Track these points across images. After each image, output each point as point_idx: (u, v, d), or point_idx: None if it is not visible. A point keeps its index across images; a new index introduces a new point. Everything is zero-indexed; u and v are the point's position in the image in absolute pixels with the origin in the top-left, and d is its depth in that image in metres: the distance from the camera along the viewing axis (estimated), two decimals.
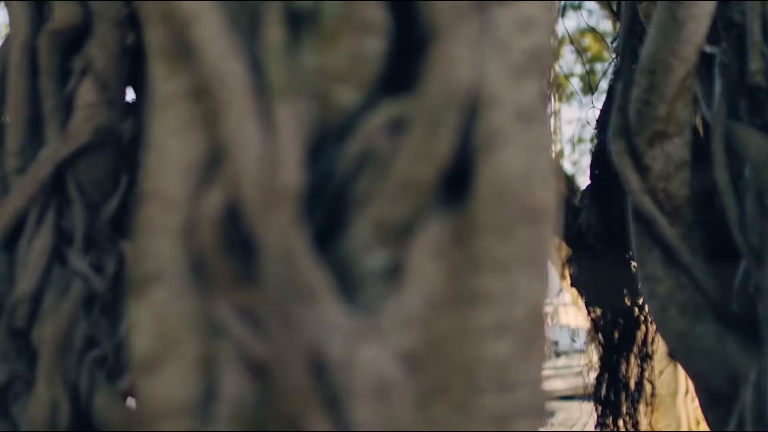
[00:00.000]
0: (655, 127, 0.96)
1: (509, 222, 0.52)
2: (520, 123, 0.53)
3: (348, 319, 0.53)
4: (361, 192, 0.54)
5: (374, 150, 0.54)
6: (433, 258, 0.53)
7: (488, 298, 0.52)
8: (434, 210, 0.54)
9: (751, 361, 0.92)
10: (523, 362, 0.53)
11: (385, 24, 0.54)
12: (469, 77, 0.52)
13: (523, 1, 0.55)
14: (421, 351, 0.53)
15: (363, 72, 0.54)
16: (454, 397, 0.52)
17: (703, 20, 0.93)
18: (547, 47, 0.55)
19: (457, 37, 0.53)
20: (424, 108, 0.52)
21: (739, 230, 0.96)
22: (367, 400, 0.52)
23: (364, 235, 0.54)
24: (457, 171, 0.54)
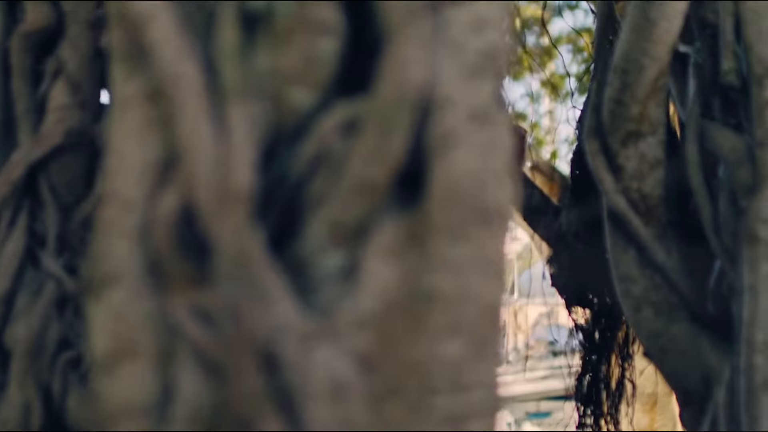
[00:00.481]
0: (629, 127, 0.96)
1: (462, 223, 0.53)
2: (474, 124, 0.53)
3: (303, 320, 0.53)
4: (316, 193, 0.54)
5: (328, 151, 0.54)
6: (387, 259, 0.54)
7: (441, 299, 0.52)
8: (389, 211, 0.54)
9: (725, 361, 0.92)
10: (476, 363, 0.53)
11: (339, 25, 0.55)
12: (422, 78, 0.53)
13: (477, 2, 0.55)
14: (375, 352, 0.53)
15: (317, 73, 0.55)
16: (408, 397, 0.52)
17: (676, 20, 0.94)
18: (501, 47, 0.55)
19: (409, 38, 0.53)
20: (377, 109, 0.53)
21: (713, 230, 0.96)
22: (321, 400, 0.52)
23: (319, 236, 0.54)
24: (411, 172, 0.54)
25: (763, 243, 0.89)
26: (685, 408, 0.98)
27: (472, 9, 0.55)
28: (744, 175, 0.92)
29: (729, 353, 0.91)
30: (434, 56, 0.53)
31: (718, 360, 0.93)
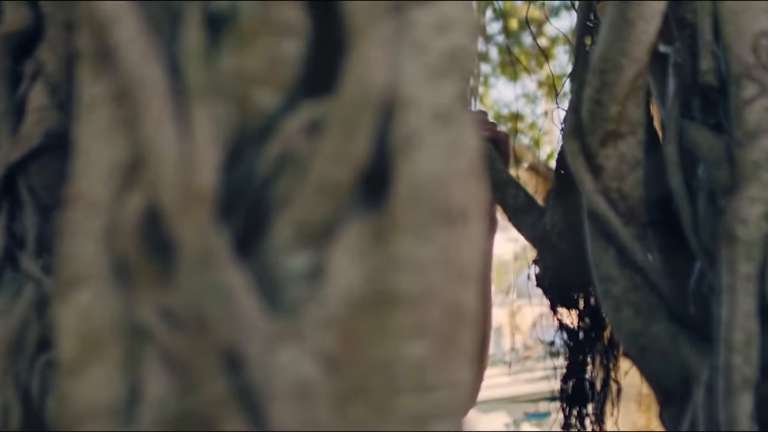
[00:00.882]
0: (608, 127, 0.97)
1: (426, 223, 0.53)
2: (437, 124, 0.53)
3: (267, 320, 0.53)
4: (281, 194, 0.54)
5: (293, 152, 0.54)
6: (353, 259, 0.54)
7: (405, 299, 0.52)
8: (354, 211, 0.54)
9: (704, 361, 0.92)
10: (441, 363, 0.53)
11: (303, 25, 0.55)
12: (385, 78, 0.53)
13: (442, 2, 0.56)
14: (340, 352, 0.53)
15: (282, 74, 0.55)
16: (373, 397, 0.52)
17: (654, 20, 0.94)
18: (466, 48, 0.55)
19: (372, 39, 0.53)
20: (340, 110, 0.53)
21: (692, 230, 0.97)
22: (285, 401, 0.52)
23: (284, 237, 0.54)
24: (376, 172, 0.54)
25: (741, 243, 0.89)
26: (665, 408, 0.98)
27: (436, 9, 0.55)
28: (723, 174, 0.92)
29: (708, 353, 0.91)
30: (397, 57, 0.53)
31: (698, 360, 0.93)
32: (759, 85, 0.92)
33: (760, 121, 0.91)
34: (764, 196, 0.90)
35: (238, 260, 0.54)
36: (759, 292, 0.89)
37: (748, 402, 0.87)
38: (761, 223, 0.90)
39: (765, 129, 0.91)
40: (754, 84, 0.92)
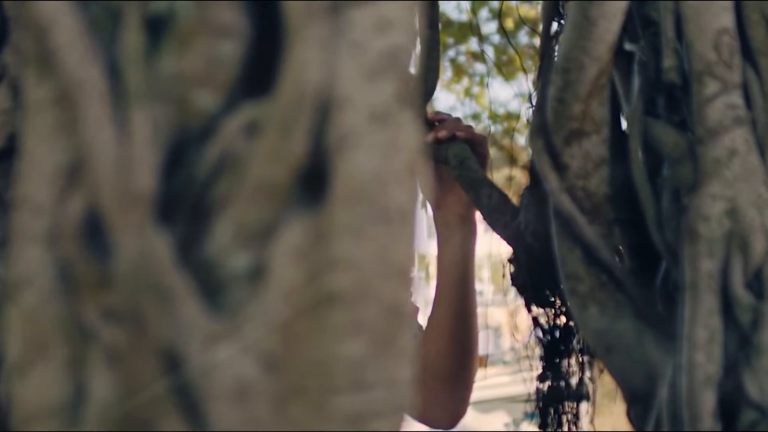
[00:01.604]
0: (571, 126, 0.97)
1: (363, 223, 0.53)
2: (374, 124, 0.54)
3: (208, 321, 0.54)
4: (221, 195, 0.55)
5: (233, 153, 0.55)
6: (293, 259, 0.54)
7: (342, 299, 0.53)
8: (294, 211, 0.55)
9: (668, 359, 0.93)
10: (379, 362, 0.53)
11: (241, 26, 0.55)
12: (321, 79, 0.53)
13: (381, 3, 0.56)
14: (280, 352, 0.54)
15: (221, 75, 0.55)
16: (311, 397, 0.53)
17: (616, 18, 0.94)
18: (405, 48, 0.56)
19: (308, 39, 0.54)
20: (277, 110, 0.53)
21: (656, 228, 0.97)
22: (225, 400, 0.53)
23: (225, 238, 0.55)
24: (315, 172, 0.55)
25: (703, 240, 0.90)
26: (632, 406, 0.99)
27: (375, 10, 0.56)
28: (686, 172, 0.93)
29: (673, 351, 0.92)
30: (334, 57, 0.54)
31: (662, 358, 0.93)
32: (720, 82, 0.92)
33: (721, 118, 0.91)
34: (726, 194, 0.90)
35: (180, 261, 0.54)
36: (721, 289, 0.89)
37: (711, 400, 0.87)
38: (723, 220, 0.90)
39: (726, 126, 0.91)
40: (715, 81, 0.92)
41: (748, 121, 0.94)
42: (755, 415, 0.88)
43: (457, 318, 1.66)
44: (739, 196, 0.91)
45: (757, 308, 0.89)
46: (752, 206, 0.91)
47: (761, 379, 0.88)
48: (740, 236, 0.91)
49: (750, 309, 0.89)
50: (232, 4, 0.55)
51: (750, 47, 0.97)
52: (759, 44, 0.97)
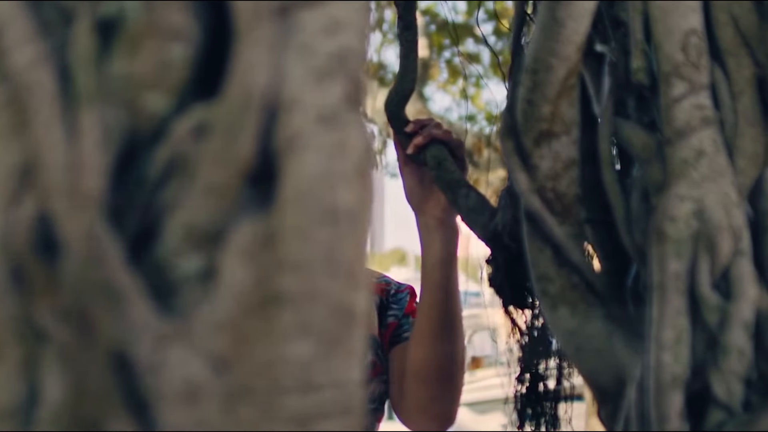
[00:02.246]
0: (541, 127, 0.98)
1: (311, 224, 0.54)
2: (321, 126, 0.54)
3: (158, 322, 0.54)
4: (171, 197, 0.55)
5: (182, 155, 0.55)
6: (243, 261, 0.55)
7: (291, 300, 0.53)
8: (244, 213, 0.55)
9: (637, 360, 0.94)
10: (327, 363, 0.54)
11: (191, 29, 0.56)
12: (268, 81, 0.54)
13: (331, 4, 0.57)
14: (229, 353, 0.54)
15: (170, 78, 0.56)
16: (259, 398, 0.53)
17: (584, 19, 0.95)
18: (355, 49, 0.56)
19: (256, 41, 0.54)
20: (224, 112, 0.54)
21: (626, 229, 0.98)
22: (175, 402, 0.53)
23: (176, 240, 0.55)
24: (263, 174, 0.55)
25: (670, 240, 0.90)
26: (602, 406, 0.99)
27: (325, 11, 0.56)
28: (655, 172, 0.93)
29: (641, 351, 0.93)
30: (282, 59, 0.54)
31: (631, 358, 0.94)
32: (688, 83, 0.93)
33: (689, 119, 0.92)
34: (693, 194, 0.91)
35: (131, 262, 0.55)
36: (689, 289, 0.90)
37: (679, 400, 0.88)
38: (690, 221, 0.91)
39: (694, 127, 0.92)
40: (683, 82, 0.93)
41: (716, 122, 0.95)
42: (722, 415, 0.89)
43: (439, 322, 1.66)
44: (707, 196, 0.92)
45: (724, 309, 0.90)
46: (719, 207, 0.92)
47: (728, 380, 0.89)
48: (707, 237, 0.91)
49: (717, 309, 0.90)
50: (181, 7, 0.55)
51: (718, 48, 0.97)
52: (727, 45, 0.97)
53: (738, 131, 0.96)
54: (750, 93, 0.97)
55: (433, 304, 1.66)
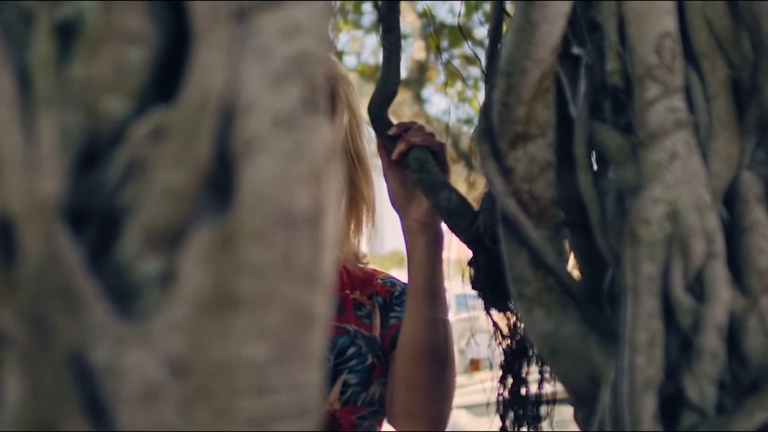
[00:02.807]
0: (516, 129, 0.98)
1: (267, 227, 0.54)
2: (278, 129, 0.55)
3: (116, 325, 0.55)
4: (130, 200, 0.56)
5: (141, 158, 0.56)
6: (201, 264, 0.55)
7: (246, 303, 0.54)
8: (202, 216, 0.56)
9: (611, 362, 0.94)
10: (282, 366, 0.54)
11: (149, 32, 0.56)
12: (225, 84, 0.54)
13: (291, 7, 0.57)
14: (187, 355, 0.54)
15: (129, 81, 0.56)
16: (216, 400, 0.54)
17: (557, 22, 0.95)
18: (314, 53, 0.57)
19: (213, 44, 0.55)
20: (181, 115, 0.54)
21: (601, 231, 0.98)
22: (133, 404, 0.54)
23: (135, 243, 0.56)
24: (221, 177, 0.56)
25: (644, 243, 0.91)
26: (578, 409, 1.00)
27: (283, 14, 0.57)
28: (630, 175, 0.94)
29: (616, 354, 0.93)
30: (239, 63, 0.55)
31: (606, 361, 0.94)
32: (662, 85, 0.93)
33: (662, 121, 0.93)
34: (667, 197, 0.91)
35: (90, 265, 0.55)
36: (662, 292, 0.90)
37: (652, 403, 0.88)
38: (664, 223, 0.91)
39: (668, 129, 0.92)
40: (657, 85, 0.93)
41: (690, 124, 0.95)
42: (695, 417, 0.89)
43: (425, 326, 1.65)
44: (680, 199, 0.92)
45: (698, 311, 0.91)
46: (693, 209, 0.93)
47: (701, 382, 0.90)
48: (681, 239, 0.92)
49: (690, 312, 0.91)
50: (140, 10, 0.56)
51: (693, 50, 0.98)
52: (702, 47, 0.98)
53: (712, 134, 0.97)
54: (724, 96, 0.98)
55: (419, 308, 1.66)
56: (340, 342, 1.75)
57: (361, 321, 1.77)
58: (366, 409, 1.74)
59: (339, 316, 1.77)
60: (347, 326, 1.78)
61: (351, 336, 1.77)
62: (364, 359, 1.75)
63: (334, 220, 0.59)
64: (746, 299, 0.94)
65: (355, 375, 1.73)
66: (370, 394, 1.74)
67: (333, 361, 1.73)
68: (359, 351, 1.75)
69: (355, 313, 1.78)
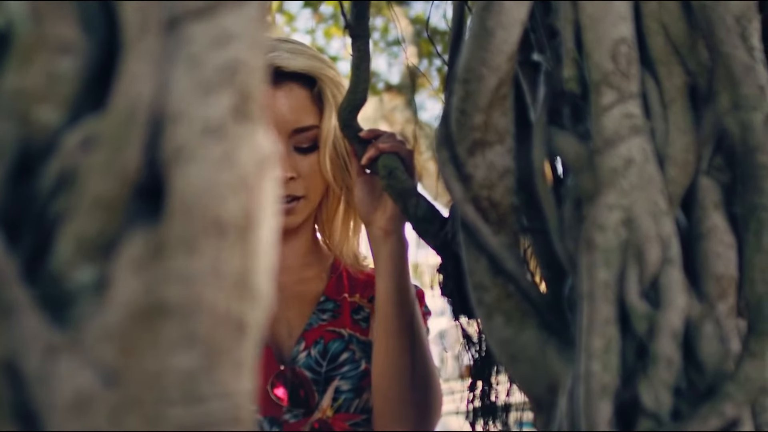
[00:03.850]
0: (474, 136, 0.99)
1: (197, 236, 0.55)
2: (207, 138, 0.55)
3: (49, 334, 0.55)
4: (63, 209, 0.56)
5: (72, 167, 0.56)
6: (134, 272, 0.56)
7: (176, 311, 0.55)
8: (134, 225, 0.56)
9: (569, 369, 0.95)
10: (212, 374, 0.55)
11: (80, 42, 0.57)
12: (153, 93, 0.55)
13: (223, 16, 0.58)
14: (118, 364, 0.55)
15: (61, 90, 0.57)
16: (146, 408, 0.54)
17: (513, 29, 0.96)
18: (245, 61, 0.57)
19: (142, 54, 0.55)
20: (110, 124, 0.55)
21: (559, 237, 0.99)
22: (65, 412, 0.54)
23: (68, 252, 0.57)
24: (153, 186, 0.56)
25: (599, 249, 0.91)
26: (537, 415, 1.00)
27: (215, 23, 0.58)
28: (587, 181, 0.95)
29: (573, 360, 0.94)
30: (169, 71, 0.56)
31: (563, 367, 0.95)
32: (617, 91, 0.94)
33: (618, 127, 0.93)
34: (622, 203, 0.92)
35: (24, 274, 0.56)
36: (618, 298, 0.91)
37: (608, 409, 0.89)
38: (619, 230, 0.92)
39: (623, 136, 0.93)
40: (612, 91, 0.94)
41: (646, 131, 0.96)
42: (651, 423, 0.90)
43: (392, 335, 1.63)
44: (636, 205, 0.93)
45: (653, 317, 0.91)
46: (648, 215, 0.93)
47: (657, 388, 0.90)
48: (636, 246, 0.93)
49: (646, 318, 0.91)
50: (71, 20, 0.56)
51: (649, 56, 0.99)
52: (658, 53, 0.99)
53: (669, 139, 0.98)
54: (681, 101, 0.99)
55: (383, 318, 1.64)
56: (333, 347, 1.75)
57: (358, 325, 1.76)
58: (359, 416, 1.73)
59: (334, 320, 1.76)
60: (342, 330, 1.77)
61: (345, 341, 1.76)
62: (357, 365, 1.74)
63: (269, 228, 0.60)
64: (703, 305, 0.95)
65: (348, 381, 1.73)
66: (363, 401, 1.73)
67: (325, 367, 1.72)
68: (352, 357, 1.75)
69: (352, 316, 1.79)
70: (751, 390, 0.91)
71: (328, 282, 1.84)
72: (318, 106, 1.74)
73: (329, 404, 1.69)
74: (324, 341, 1.75)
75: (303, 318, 1.78)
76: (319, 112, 1.74)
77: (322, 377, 1.71)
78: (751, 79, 0.94)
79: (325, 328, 1.77)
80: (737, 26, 0.99)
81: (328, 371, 1.72)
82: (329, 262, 1.88)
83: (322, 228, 1.87)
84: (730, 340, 0.95)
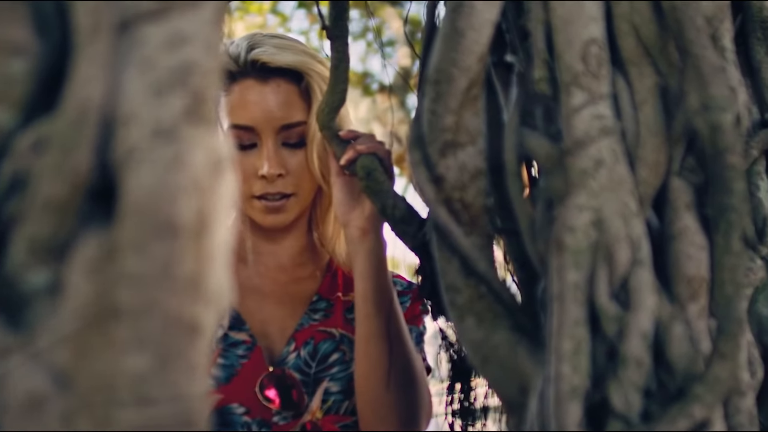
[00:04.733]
0: (445, 137, 0.99)
1: (148, 238, 0.55)
2: (159, 140, 0.55)
3: (3, 336, 0.55)
4: (16, 212, 0.57)
5: (24, 169, 0.56)
6: (87, 275, 0.56)
7: (127, 313, 0.55)
8: (87, 227, 0.57)
9: (540, 370, 0.95)
10: (163, 376, 0.55)
11: (33, 44, 0.57)
12: (105, 95, 0.55)
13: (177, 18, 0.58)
14: (71, 366, 0.55)
15: (13, 92, 0.57)
16: (97, 411, 0.55)
17: (484, 30, 0.97)
18: (199, 63, 0.58)
19: (93, 56, 0.56)
20: (61, 127, 0.55)
21: (530, 238, 0.99)
22: (17, 414, 0.55)
23: (22, 254, 0.57)
24: (105, 188, 0.56)
25: (569, 251, 0.92)
26: (509, 417, 1.00)
27: (170, 26, 0.58)
28: (557, 182, 0.95)
29: (544, 362, 0.94)
30: (120, 74, 0.56)
31: (534, 369, 0.95)
32: (587, 93, 0.95)
33: (588, 129, 0.94)
34: (592, 204, 0.93)
35: None
36: (588, 300, 0.92)
37: (577, 411, 0.89)
38: (589, 231, 0.92)
39: (593, 137, 0.94)
40: (582, 92, 0.95)
41: (617, 132, 0.96)
42: (620, 425, 0.90)
43: (371, 336, 1.61)
44: (606, 206, 0.93)
45: (623, 319, 0.92)
46: (618, 217, 0.94)
47: (626, 390, 0.91)
48: (606, 247, 0.93)
49: (615, 320, 0.92)
50: (22, 22, 0.57)
51: (620, 57, 0.99)
52: (629, 54, 0.99)
53: (640, 141, 0.98)
54: (652, 102, 0.99)
55: (362, 319, 1.63)
56: (323, 348, 1.73)
57: (351, 324, 1.75)
58: (349, 418, 1.72)
59: (326, 320, 1.75)
60: (333, 330, 1.76)
61: (336, 341, 1.75)
62: (347, 366, 1.73)
63: (224, 230, 0.60)
64: (673, 306, 0.95)
65: (338, 383, 1.72)
66: (353, 403, 1.71)
67: (314, 368, 1.71)
68: (342, 358, 1.73)
69: (344, 316, 1.77)
70: (720, 391, 0.91)
71: (323, 281, 1.83)
72: (306, 101, 1.72)
73: (318, 406, 1.68)
74: (314, 342, 1.74)
75: (295, 318, 1.76)
76: (307, 108, 1.73)
77: (311, 378, 1.70)
78: (721, 80, 0.94)
79: (316, 329, 1.76)
80: (708, 27, 0.99)
81: (317, 372, 1.71)
82: (325, 261, 1.87)
83: (316, 226, 1.86)
84: (701, 342, 0.96)
